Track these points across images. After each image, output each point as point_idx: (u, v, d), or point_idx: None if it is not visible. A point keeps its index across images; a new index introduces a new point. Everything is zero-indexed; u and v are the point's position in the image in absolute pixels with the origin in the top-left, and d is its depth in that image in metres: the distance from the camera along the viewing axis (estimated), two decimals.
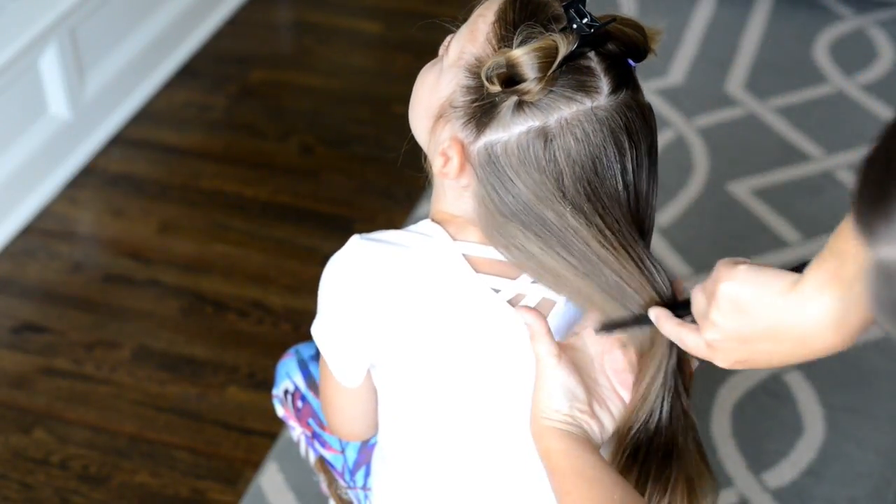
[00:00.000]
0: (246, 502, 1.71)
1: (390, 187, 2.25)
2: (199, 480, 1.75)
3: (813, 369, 1.89)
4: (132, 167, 2.36)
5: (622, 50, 0.94)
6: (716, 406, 1.83)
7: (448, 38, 1.01)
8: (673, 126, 2.43)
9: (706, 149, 2.36)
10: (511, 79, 0.91)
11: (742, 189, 2.26)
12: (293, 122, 2.49)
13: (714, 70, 2.59)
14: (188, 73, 2.63)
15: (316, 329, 1.06)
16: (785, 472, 1.73)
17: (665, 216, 2.19)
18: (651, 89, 2.52)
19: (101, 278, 2.10)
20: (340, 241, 1.02)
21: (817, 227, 2.17)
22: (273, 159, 2.38)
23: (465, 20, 1.00)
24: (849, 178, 2.28)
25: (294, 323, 2.00)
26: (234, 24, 2.80)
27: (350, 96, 2.56)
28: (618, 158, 0.94)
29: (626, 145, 0.94)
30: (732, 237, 2.15)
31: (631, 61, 0.96)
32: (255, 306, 2.03)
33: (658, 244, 2.13)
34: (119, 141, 2.43)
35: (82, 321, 2.01)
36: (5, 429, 1.83)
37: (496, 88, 0.91)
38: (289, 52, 2.76)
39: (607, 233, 0.94)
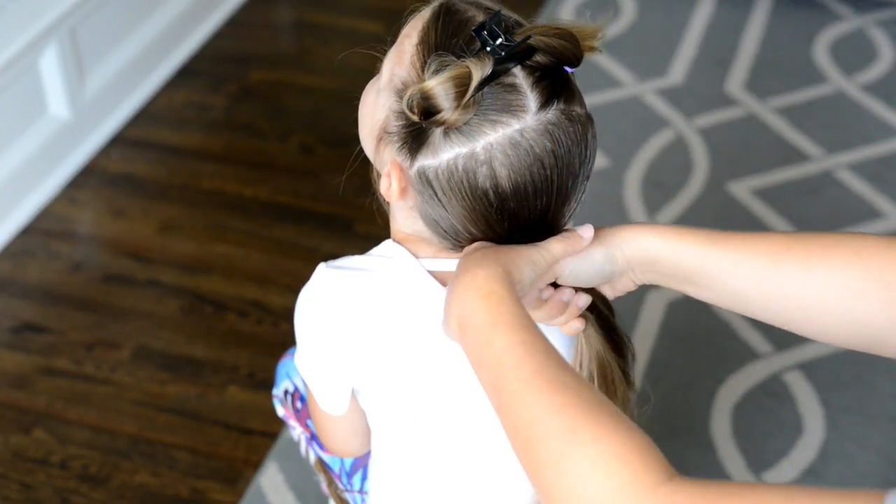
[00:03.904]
0: (246, 502, 1.71)
1: None
2: (199, 480, 1.75)
3: (813, 369, 1.89)
4: (132, 167, 2.36)
5: (552, 60, 0.91)
6: (716, 406, 1.83)
7: (387, 54, 0.99)
8: (673, 126, 2.43)
9: (706, 149, 2.36)
10: (428, 110, 0.90)
11: (742, 189, 2.26)
12: (293, 122, 2.49)
13: (714, 70, 2.59)
14: (188, 73, 2.63)
15: (298, 361, 1.07)
16: (785, 472, 1.73)
17: (665, 216, 2.19)
18: (651, 89, 2.52)
19: (101, 278, 2.10)
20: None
21: (817, 227, 2.16)
22: (273, 159, 2.38)
23: (396, 35, 0.98)
24: (849, 178, 2.28)
25: (294, 323, 1.99)
26: (234, 25, 2.80)
27: (350, 96, 2.55)
28: (542, 182, 0.92)
29: (552, 169, 0.92)
30: None
31: (567, 68, 0.93)
32: (255, 306, 2.03)
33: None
34: (119, 141, 2.43)
35: (82, 321, 2.01)
36: (5, 429, 1.83)
37: (416, 118, 0.91)
38: (289, 52, 2.76)
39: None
